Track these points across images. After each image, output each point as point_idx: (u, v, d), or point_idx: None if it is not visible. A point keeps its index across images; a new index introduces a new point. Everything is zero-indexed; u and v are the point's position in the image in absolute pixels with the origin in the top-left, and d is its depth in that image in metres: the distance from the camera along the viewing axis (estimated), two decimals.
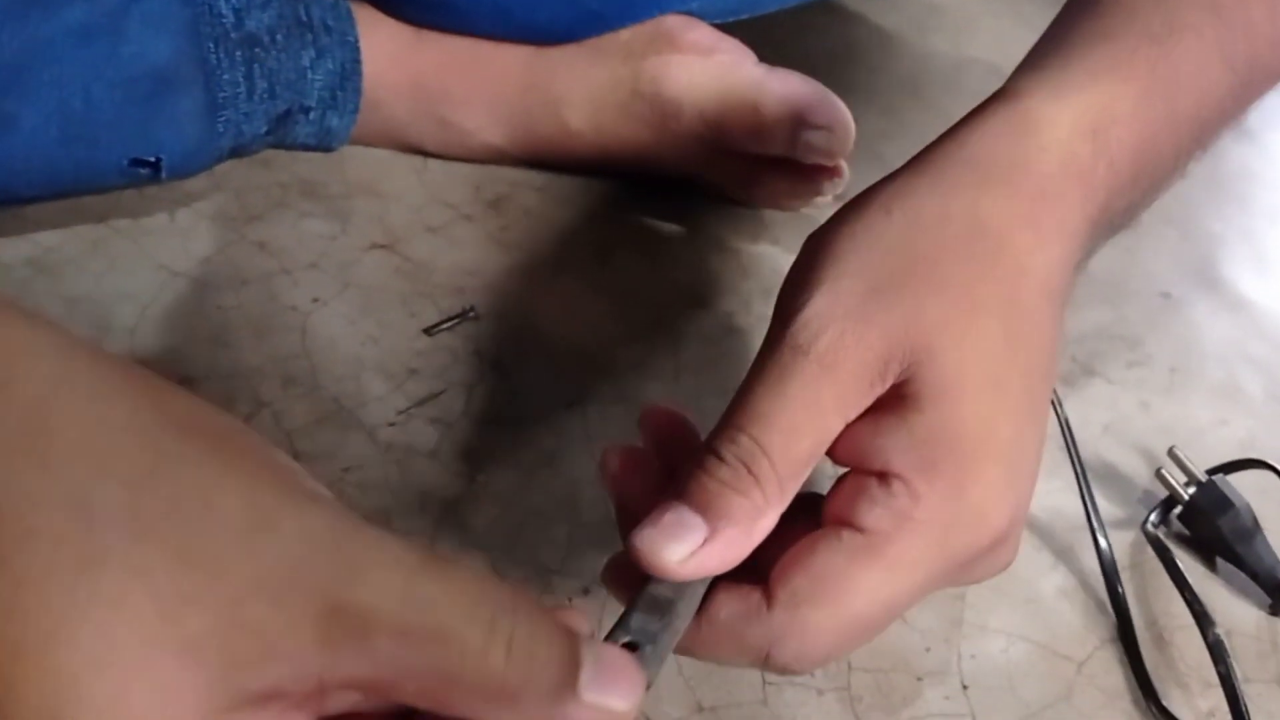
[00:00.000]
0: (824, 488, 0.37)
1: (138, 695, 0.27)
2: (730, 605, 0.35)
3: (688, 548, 0.35)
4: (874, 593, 0.35)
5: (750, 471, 0.35)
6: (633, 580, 0.36)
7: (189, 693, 0.27)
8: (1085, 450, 0.52)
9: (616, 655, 0.33)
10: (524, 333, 0.53)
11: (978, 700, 0.45)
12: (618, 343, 0.54)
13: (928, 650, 0.46)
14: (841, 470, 0.37)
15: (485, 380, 0.51)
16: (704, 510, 0.35)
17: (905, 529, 0.35)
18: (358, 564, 0.29)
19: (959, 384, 0.36)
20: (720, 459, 0.36)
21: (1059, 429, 0.52)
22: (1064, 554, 0.49)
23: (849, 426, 0.36)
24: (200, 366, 0.49)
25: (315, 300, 0.52)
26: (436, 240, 0.56)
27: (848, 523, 0.35)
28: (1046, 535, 0.50)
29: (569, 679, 0.31)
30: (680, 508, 0.36)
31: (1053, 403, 0.52)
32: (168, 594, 0.27)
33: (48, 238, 0.51)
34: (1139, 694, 0.45)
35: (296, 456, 0.47)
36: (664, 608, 0.35)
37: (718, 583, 0.36)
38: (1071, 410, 0.53)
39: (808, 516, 0.37)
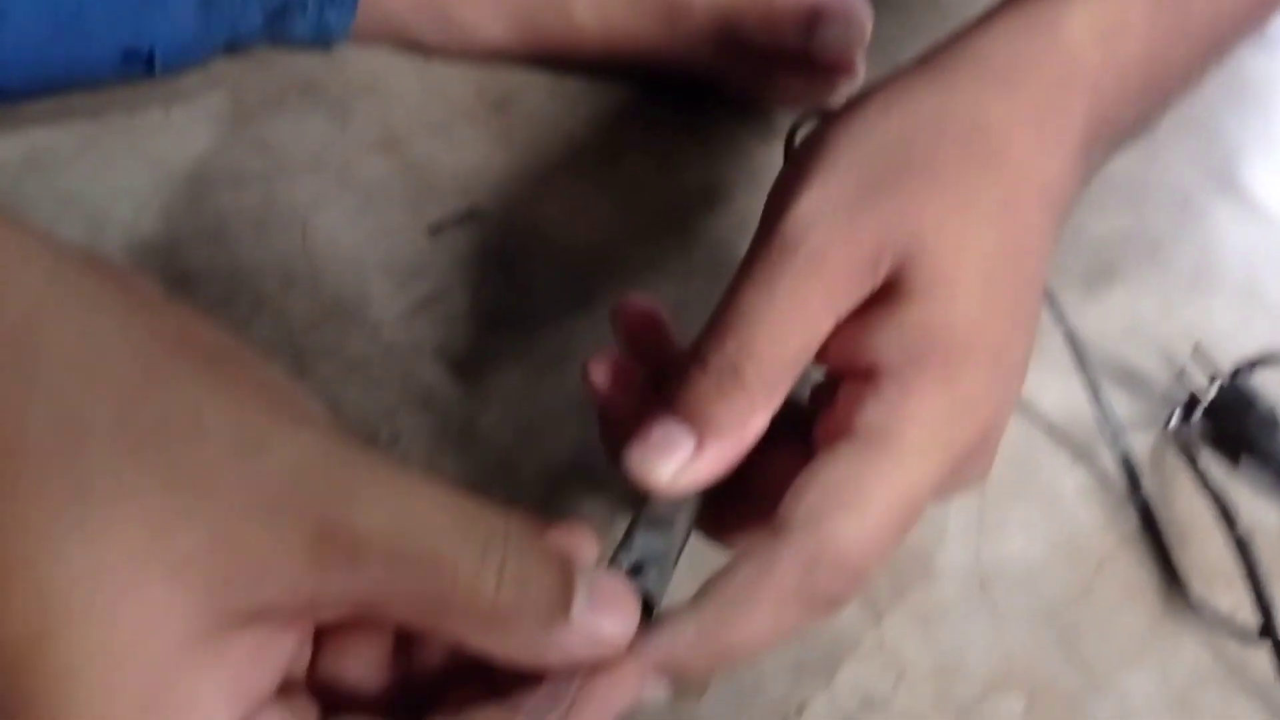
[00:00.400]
0: None
1: (126, 613, 0.26)
2: (745, 565, 0.33)
3: (677, 464, 0.34)
4: (889, 489, 0.34)
5: (737, 377, 0.34)
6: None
7: (178, 611, 0.27)
8: (1106, 353, 0.51)
9: (611, 582, 0.32)
10: (531, 233, 0.52)
11: (996, 597, 0.44)
12: (628, 243, 0.52)
13: (945, 548, 0.45)
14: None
15: (491, 280, 0.50)
16: (691, 422, 0.34)
17: (902, 421, 0.34)
18: (350, 486, 0.28)
19: (951, 279, 0.34)
20: (706, 366, 0.35)
21: (1064, 330, 0.50)
22: (1084, 455, 0.48)
23: (838, 327, 0.35)
24: (199, 263, 0.47)
25: (315, 200, 0.51)
26: (439, 141, 0.54)
27: (843, 433, 0.34)
28: (1066, 436, 0.49)
29: (561, 605, 0.31)
30: (668, 422, 0.35)
31: (1053, 304, 0.51)
32: (157, 513, 0.27)
33: (41, 135, 0.50)
34: (1160, 590, 0.45)
35: (299, 354, 0.46)
36: (665, 524, 0.34)
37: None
38: (1091, 314, 0.52)
39: (795, 434, 0.36)
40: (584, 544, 0.34)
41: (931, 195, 0.35)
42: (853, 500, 0.33)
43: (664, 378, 0.36)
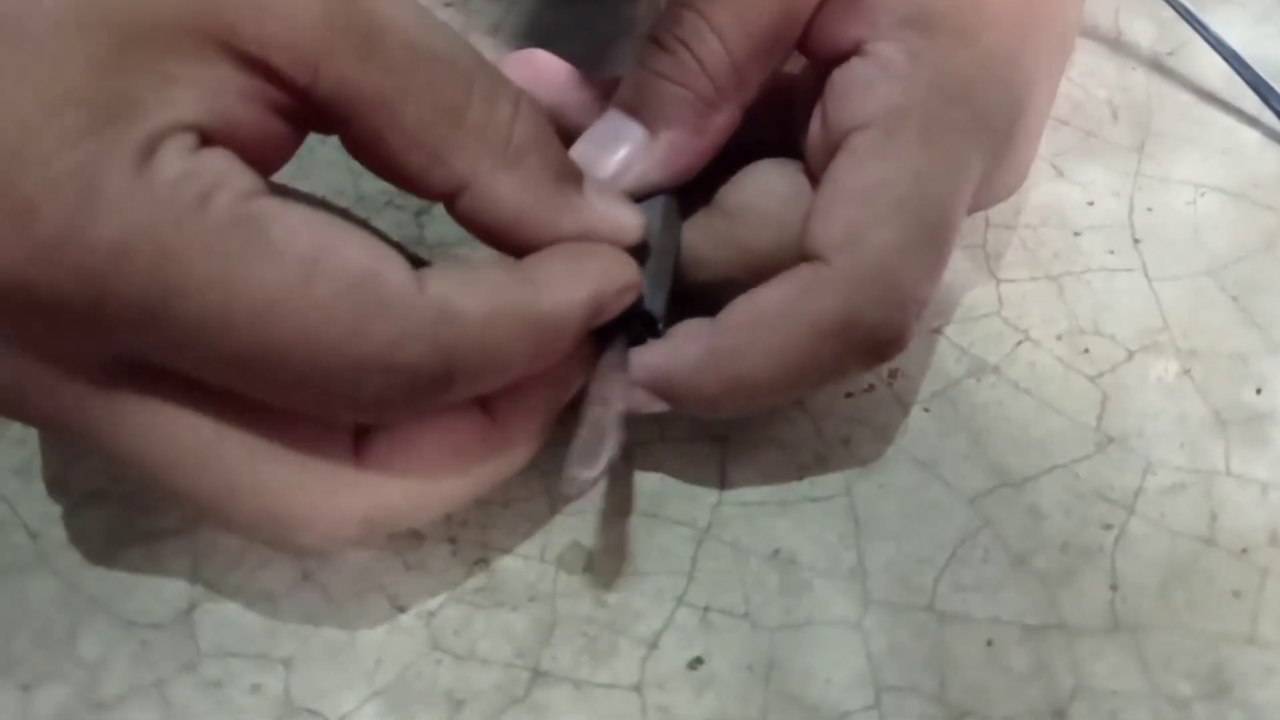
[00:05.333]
0: None
1: None
2: (778, 287, 0.28)
3: (624, 155, 0.29)
4: (931, 183, 0.28)
5: (694, 55, 0.29)
6: None
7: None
8: None
9: (613, 189, 0.29)
10: None
11: (1152, 254, 0.36)
12: None
13: (1091, 204, 0.37)
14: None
15: None
16: (639, 111, 0.29)
17: (923, 91, 0.28)
18: None
19: None
20: (660, 46, 0.29)
21: None
22: (1277, 100, 0.39)
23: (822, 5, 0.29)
24: None
25: None
26: None
27: (849, 128, 0.28)
28: (1256, 79, 0.40)
29: (575, 170, 0.27)
30: (614, 112, 0.30)
31: None
32: None
33: None
34: None
35: None
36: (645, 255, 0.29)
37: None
38: None
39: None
40: None
41: None
42: (893, 208, 0.27)
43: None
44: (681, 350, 0.28)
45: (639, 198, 0.30)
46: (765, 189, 0.30)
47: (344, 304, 0.23)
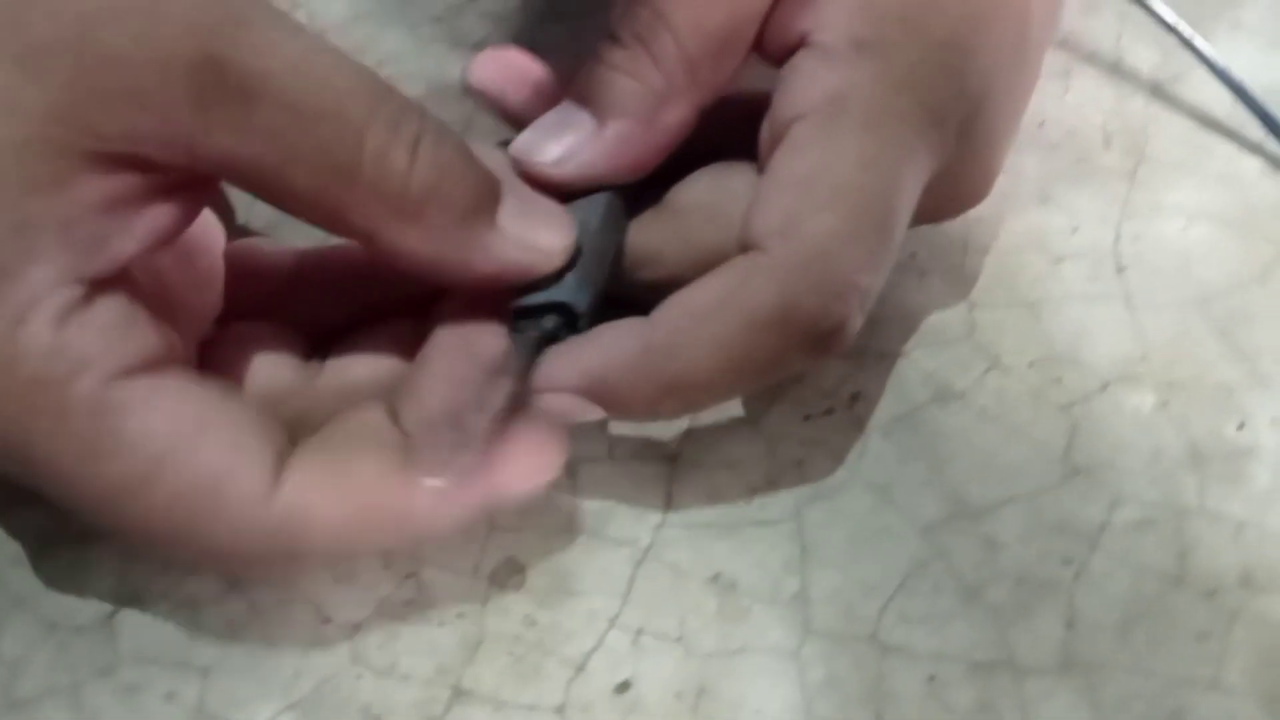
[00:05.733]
0: None
1: None
2: (711, 281, 0.27)
3: (568, 144, 0.28)
4: (871, 170, 0.27)
5: (648, 51, 0.28)
6: None
7: (33, 105, 0.23)
8: None
9: (543, 198, 0.28)
10: None
11: (1137, 282, 0.34)
12: None
13: (1075, 230, 0.36)
14: None
15: None
16: (589, 101, 0.29)
17: (864, 77, 0.27)
18: (247, 19, 0.24)
19: None
20: (615, 41, 0.29)
21: None
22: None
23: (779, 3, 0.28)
24: None
25: None
26: None
27: (790, 119, 0.28)
28: (1259, 108, 0.38)
29: (486, 203, 0.26)
30: (566, 102, 0.29)
31: None
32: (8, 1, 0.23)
33: None
34: None
35: None
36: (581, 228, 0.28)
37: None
38: None
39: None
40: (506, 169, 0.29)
41: None
42: (832, 194, 0.26)
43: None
44: (613, 348, 0.27)
45: (581, 193, 0.29)
46: (714, 186, 0.29)
47: (181, 506, 0.24)
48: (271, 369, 0.28)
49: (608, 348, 0.27)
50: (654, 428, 0.32)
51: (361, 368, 0.29)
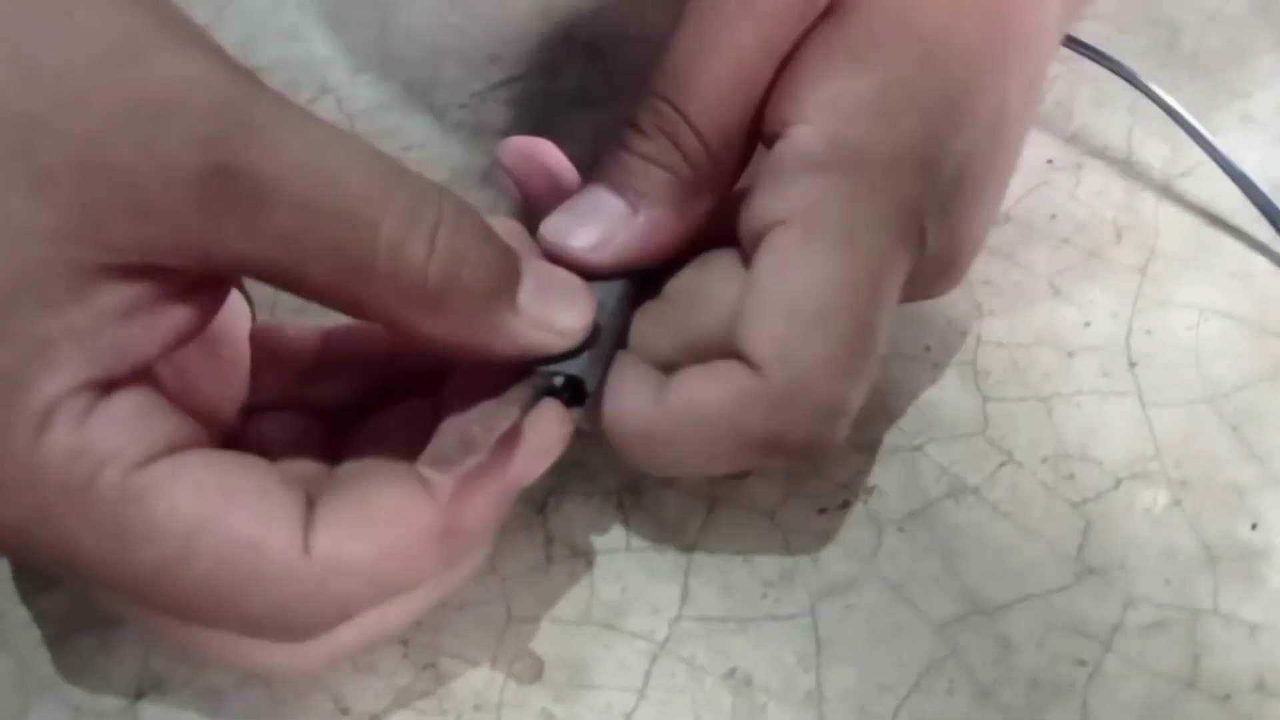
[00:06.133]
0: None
1: None
2: (707, 381, 0.28)
3: (601, 230, 0.29)
4: (857, 291, 0.28)
5: (676, 145, 0.29)
6: None
7: (45, 226, 0.23)
8: None
9: (563, 272, 0.28)
10: (629, 16, 0.46)
11: (1148, 378, 0.35)
12: None
13: (1087, 325, 0.36)
14: None
15: (576, 62, 0.45)
16: (623, 189, 0.30)
17: (829, 182, 0.28)
18: (251, 121, 0.24)
19: None
20: (640, 131, 0.30)
21: None
22: None
23: (780, 76, 0.30)
24: (269, 57, 0.45)
25: None
26: None
27: (768, 220, 0.29)
28: (1271, 206, 0.39)
29: (506, 285, 0.26)
30: (595, 188, 0.30)
31: None
32: (16, 119, 0.23)
33: None
34: None
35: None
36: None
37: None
38: None
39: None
40: (523, 239, 0.29)
41: None
42: (818, 321, 0.27)
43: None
44: (622, 414, 0.28)
45: (599, 277, 0.30)
46: (704, 277, 0.30)
47: (220, 577, 0.24)
48: (292, 462, 0.29)
49: (619, 413, 0.28)
50: (672, 518, 0.32)
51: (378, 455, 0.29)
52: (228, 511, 0.24)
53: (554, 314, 0.27)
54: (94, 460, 0.23)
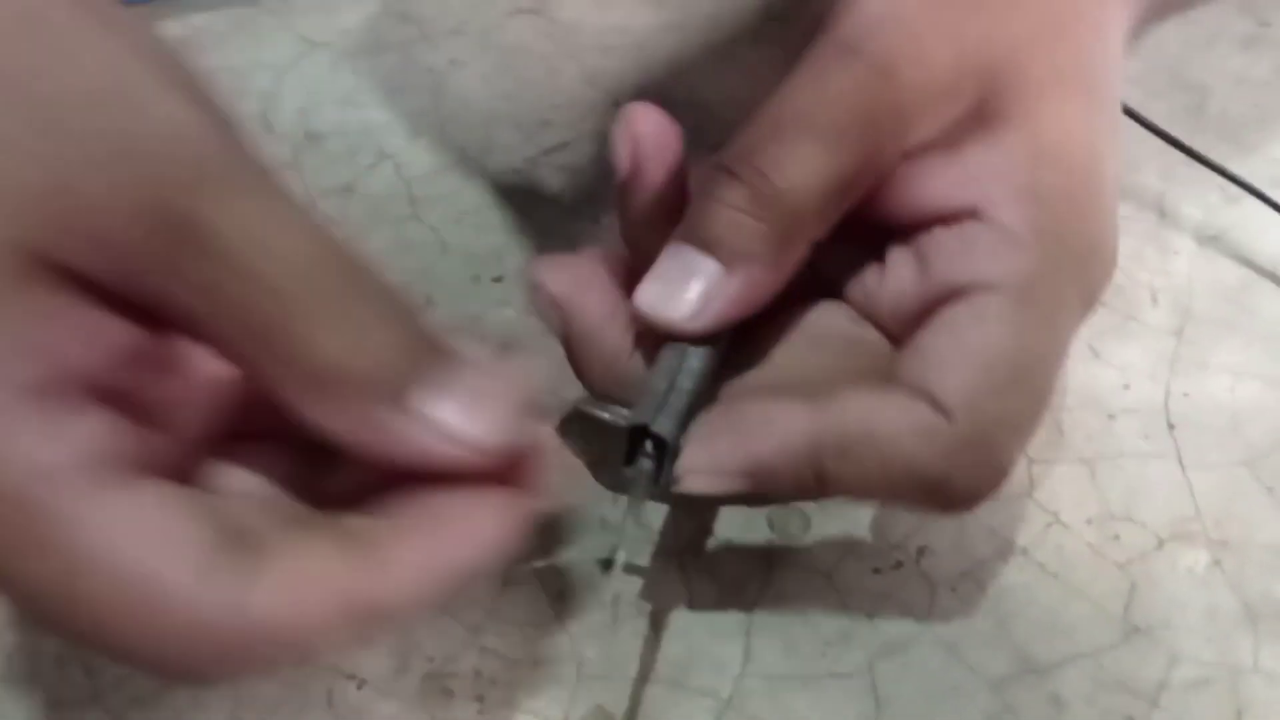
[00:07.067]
0: None
1: None
2: (885, 409, 0.29)
3: (697, 294, 0.29)
4: (1044, 355, 0.30)
5: (773, 188, 0.29)
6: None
7: None
8: None
9: (488, 372, 0.25)
10: (676, 82, 0.48)
11: (1187, 440, 0.36)
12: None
13: (1126, 388, 0.38)
14: None
15: None
16: (714, 247, 0.29)
17: (1038, 262, 0.29)
18: (221, 183, 0.25)
19: (1057, 97, 0.30)
20: (735, 177, 0.29)
21: None
22: None
23: (917, 159, 0.30)
24: (327, 124, 0.47)
25: (453, 62, 0.49)
26: (585, 1, 0.52)
27: (969, 285, 0.29)
28: None
29: (398, 383, 0.24)
30: (683, 248, 0.29)
31: None
32: None
33: (199, 18, 0.51)
34: None
35: (412, 202, 0.44)
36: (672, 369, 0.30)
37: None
38: None
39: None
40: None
41: (1017, 14, 0.31)
42: (1013, 382, 0.29)
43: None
44: (782, 438, 0.29)
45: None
46: (819, 353, 0.31)
47: (108, 606, 0.24)
48: (252, 496, 0.28)
49: (774, 436, 0.29)
50: (731, 578, 0.34)
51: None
52: (132, 543, 0.24)
53: (458, 422, 0.24)
54: (14, 466, 0.23)
